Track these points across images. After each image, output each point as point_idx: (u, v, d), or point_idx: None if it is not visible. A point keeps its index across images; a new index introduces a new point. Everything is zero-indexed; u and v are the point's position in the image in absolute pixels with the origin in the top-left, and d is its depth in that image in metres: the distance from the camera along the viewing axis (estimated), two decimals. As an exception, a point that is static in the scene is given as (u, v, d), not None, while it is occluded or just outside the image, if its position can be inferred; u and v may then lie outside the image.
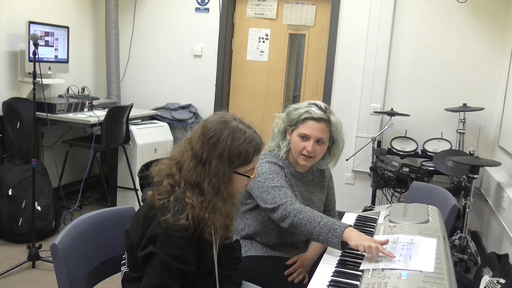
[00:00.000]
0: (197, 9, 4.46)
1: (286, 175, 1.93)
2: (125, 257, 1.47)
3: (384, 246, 1.45)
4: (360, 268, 1.33)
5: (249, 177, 1.43)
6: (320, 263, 1.41)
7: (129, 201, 4.07)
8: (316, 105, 1.87)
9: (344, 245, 1.53)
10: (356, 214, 1.84)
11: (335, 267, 1.36)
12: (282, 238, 1.94)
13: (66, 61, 3.94)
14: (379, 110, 3.98)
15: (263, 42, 4.41)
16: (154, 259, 1.31)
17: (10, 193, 3.31)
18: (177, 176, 1.36)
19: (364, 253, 1.45)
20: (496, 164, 3.10)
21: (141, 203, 1.47)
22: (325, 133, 1.84)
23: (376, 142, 3.81)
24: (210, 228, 1.35)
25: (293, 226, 1.68)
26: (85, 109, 3.92)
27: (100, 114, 3.73)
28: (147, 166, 1.56)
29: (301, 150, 1.86)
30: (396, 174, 3.49)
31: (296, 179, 1.97)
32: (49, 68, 3.75)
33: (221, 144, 1.35)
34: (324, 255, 1.48)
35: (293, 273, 1.86)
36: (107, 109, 3.69)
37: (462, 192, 3.45)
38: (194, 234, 1.33)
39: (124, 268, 1.47)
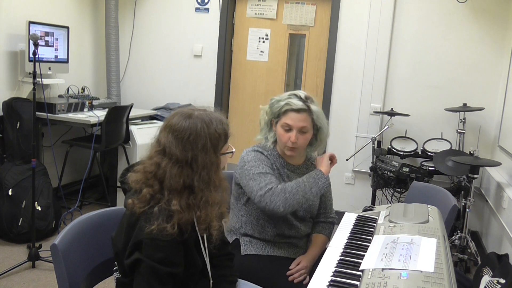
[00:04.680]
0: (197, 9, 4.46)
1: (277, 166, 1.96)
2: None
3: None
4: (360, 268, 1.33)
5: (232, 152, 1.47)
6: (320, 263, 1.41)
7: (129, 201, 4.06)
8: (296, 96, 1.91)
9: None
10: (356, 214, 1.83)
11: (335, 267, 1.36)
12: (279, 229, 1.95)
13: (66, 61, 3.94)
14: (379, 110, 3.98)
15: (263, 42, 4.41)
16: (141, 266, 1.29)
17: (10, 193, 3.31)
18: (156, 187, 1.34)
19: (364, 253, 1.45)
20: (496, 164, 3.10)
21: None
22: (307, 122, 1.89)
23: (376, 142, 3.80)
24: (205, 223, 1.35)
25: (287, 204, 1.77)
26: (85, 109, 3.92)
27: (100, 114, 3.73)
28: (128, 170, 1.52)
29: (286, 142, 1.91)
30: (396, 174, 3.49)
31: (289, 170, 1.99)
32: (49, 68, 3.75)
33: (200, 136, 1.35)
34: (324, 255, 1.48)
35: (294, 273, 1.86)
36: (107, 109, 3.70)
37: (462, 192, 3.45)
38: (180, 238, 1.32)
39: (116, 274, 1.47)
